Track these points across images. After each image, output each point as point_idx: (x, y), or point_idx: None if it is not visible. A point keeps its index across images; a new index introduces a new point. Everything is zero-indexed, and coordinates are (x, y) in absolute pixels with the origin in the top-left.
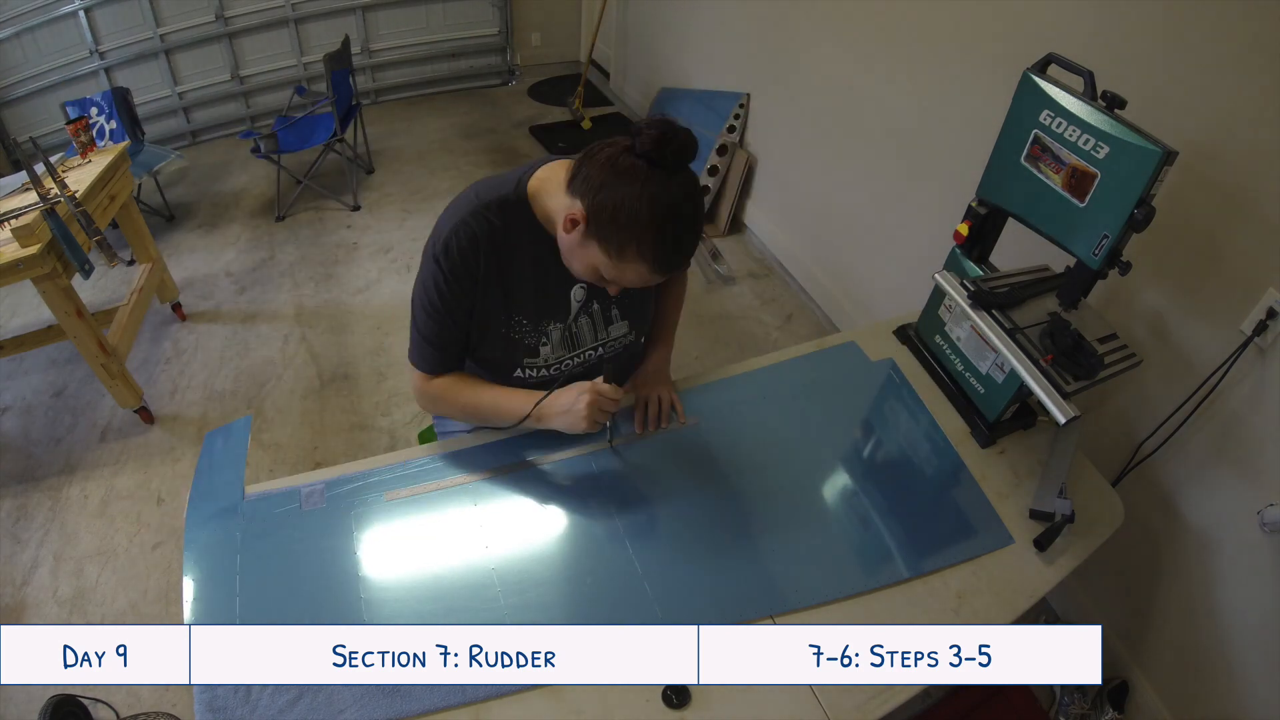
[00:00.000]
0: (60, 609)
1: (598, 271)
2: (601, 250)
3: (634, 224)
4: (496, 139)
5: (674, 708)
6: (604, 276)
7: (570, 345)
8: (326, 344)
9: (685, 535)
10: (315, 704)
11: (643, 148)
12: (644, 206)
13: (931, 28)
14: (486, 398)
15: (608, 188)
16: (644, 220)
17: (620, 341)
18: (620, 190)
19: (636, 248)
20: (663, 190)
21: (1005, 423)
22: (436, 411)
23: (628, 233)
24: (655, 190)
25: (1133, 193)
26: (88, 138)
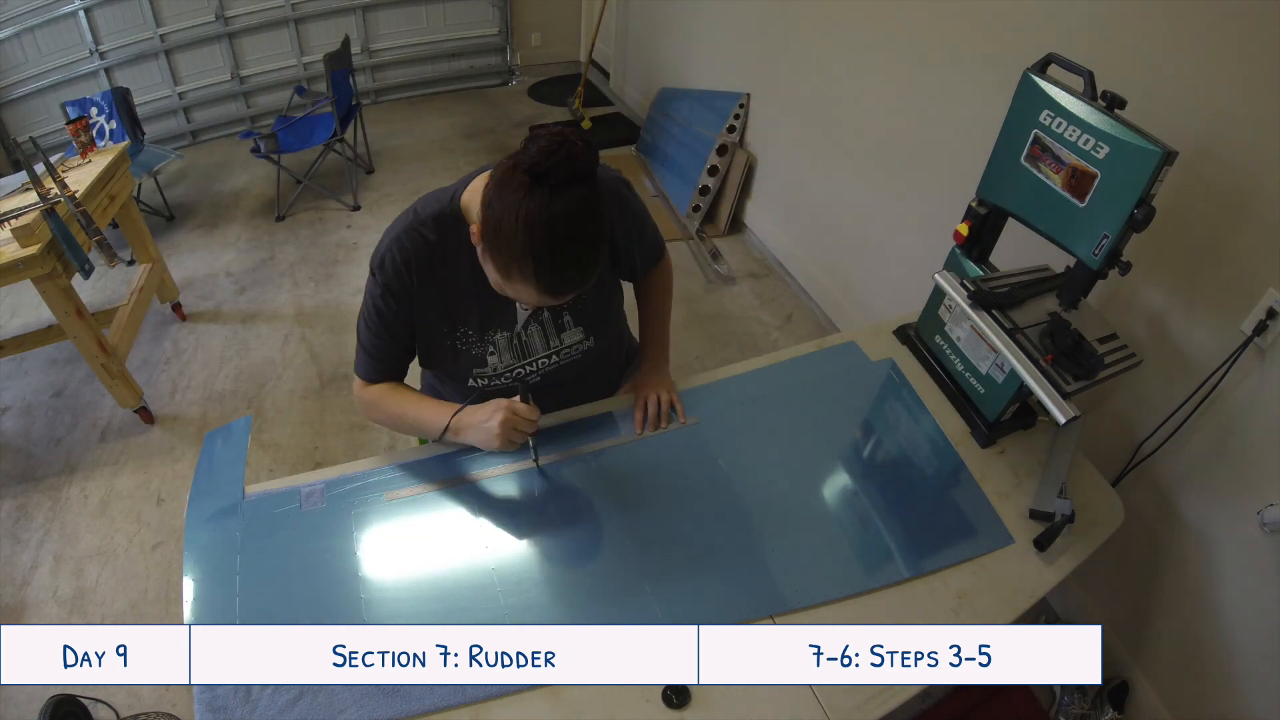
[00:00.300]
0: (60, 609)
1: (503, 289)
2: (494, 268)
3: (512, 244)
4: (496, 139)
5: (674, 708)
6: (509, 295)
7: (520, 354)
8: (326, 344)
9: (685, 535)
10: (315, 704)
11: (527, 161)
12: (520, 227)
13: (932, 27)
14: (411, 409)
15: (493, 203)
16: (521, 241)
17: (577, 348)
18: (501, 207)
19: (519, 269)
20: (542, 209)
21: (1005, 423)
22: (372, 418)
23: (508, 253)
24: (532, 208)
25: (1133, 193)
26: (88, 138)
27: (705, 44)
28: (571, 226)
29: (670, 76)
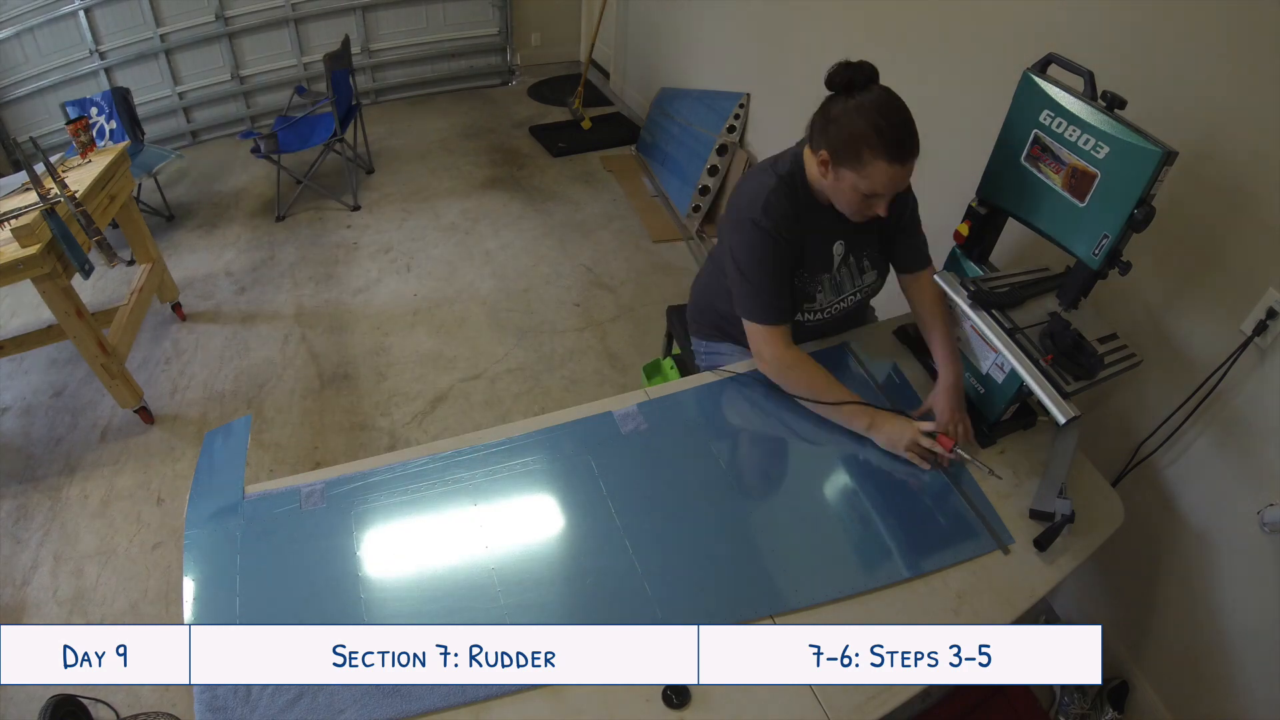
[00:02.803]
0: (60, 609)
1: (858, 193)
2: (850, 170)
3: (856, 133)
4: (496, 139)
5: (674, 708)
6: (863, 194)
7: (836, 291)
8: (326, 344)
9: (685, 535)
10: (315, 704)
11: (834, 83)
12: (856, 117)
13: (931, 27)
14: (835, 388)
15: (828, 123)
16: (861, 126)
17: (872, 287)
18: (835, 117)
19: (869, 148)
20: (864, 100)
21: (1005, 423)
22: (782, 378)
23: (858, 142)
24: (858, 102)
25: (1133, 193)
26: (88, 138)
27: (705, 44)
28: (891, 101)
29: (670, 76)
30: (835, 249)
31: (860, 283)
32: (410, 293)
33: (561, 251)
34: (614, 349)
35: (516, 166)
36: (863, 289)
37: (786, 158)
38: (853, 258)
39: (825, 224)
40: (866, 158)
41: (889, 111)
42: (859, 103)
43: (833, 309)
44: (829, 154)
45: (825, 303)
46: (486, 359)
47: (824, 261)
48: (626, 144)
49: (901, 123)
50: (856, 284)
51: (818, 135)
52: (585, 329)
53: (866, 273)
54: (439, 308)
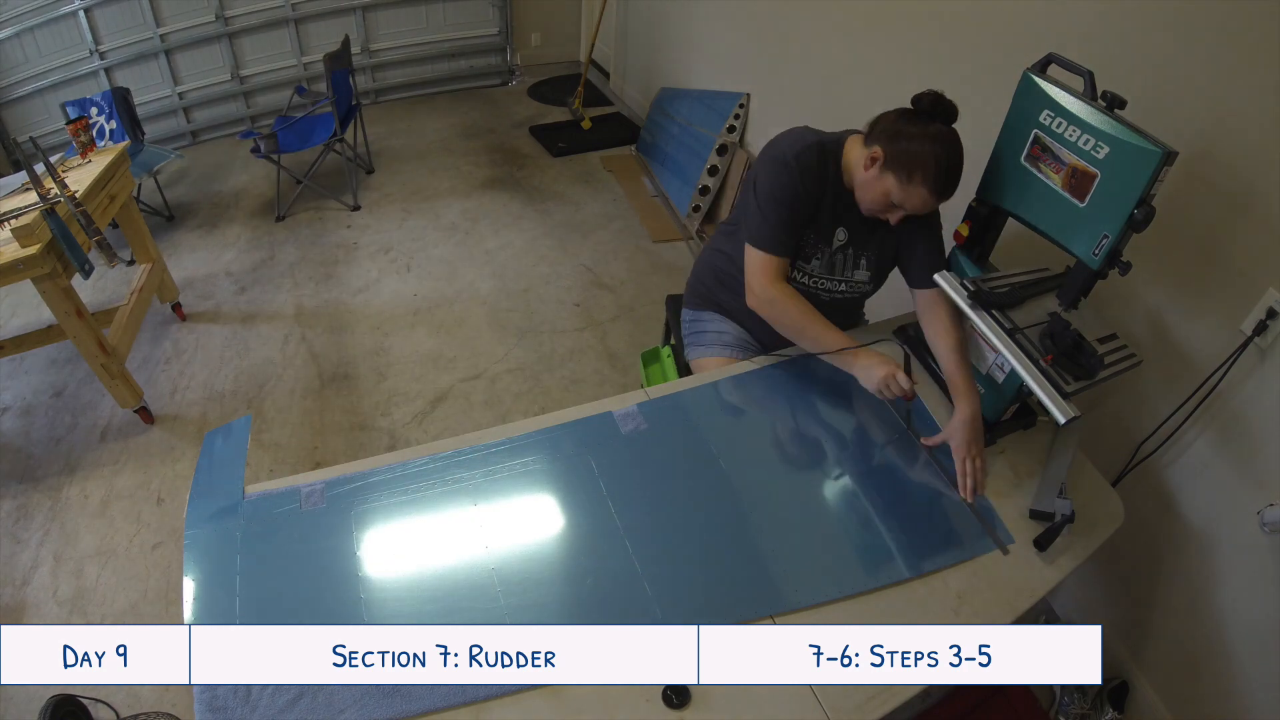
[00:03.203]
0: (60, 609)
1: (888, 198)
2: (894, 178)
3: (919, 156)
4: (496, 139)
5: (674, 708)
6: (892, 202)
7: (829, 270)
8: (326, 344)
9: (685, 535)
10: (315, 704)
11: (923, 106)
12: (928, 144)
13: (931, 27)
14: (818, 323)
15: (900, 133)
16: (926, 152)
17: (859, 288)
18: (910, 133)
19: (922, 175)
20: (941, 134)
21: (1005, 423)
22: (768, 310)
23: (915, 161)
24: (935, 133)
25: (1133, 193)
26: (88, 138)
27: (705, 44)
28: (958, 146)
29: (670, 76)
30: (838, 234)
31: (850, 276)
32: (410, 293)
33: (561, 251)
34: (614, 349)
35: (516, 166)
36: (851, 283)
37: (830, 135)
38: (852, 250)
39: (840, 206)
40: (916, 179)
41: (953, 152)
42: (934, 132)
43: (820, 284)
44: (883, 155)
45: (816, 272)
46: (486, 359)
47: (826, 235)
48: (626, 144)
49: (956, 167)
50: (846, 275)
51: (881, 136)
52: (585, 329)
53: (859, 270)
54: (439, 308)
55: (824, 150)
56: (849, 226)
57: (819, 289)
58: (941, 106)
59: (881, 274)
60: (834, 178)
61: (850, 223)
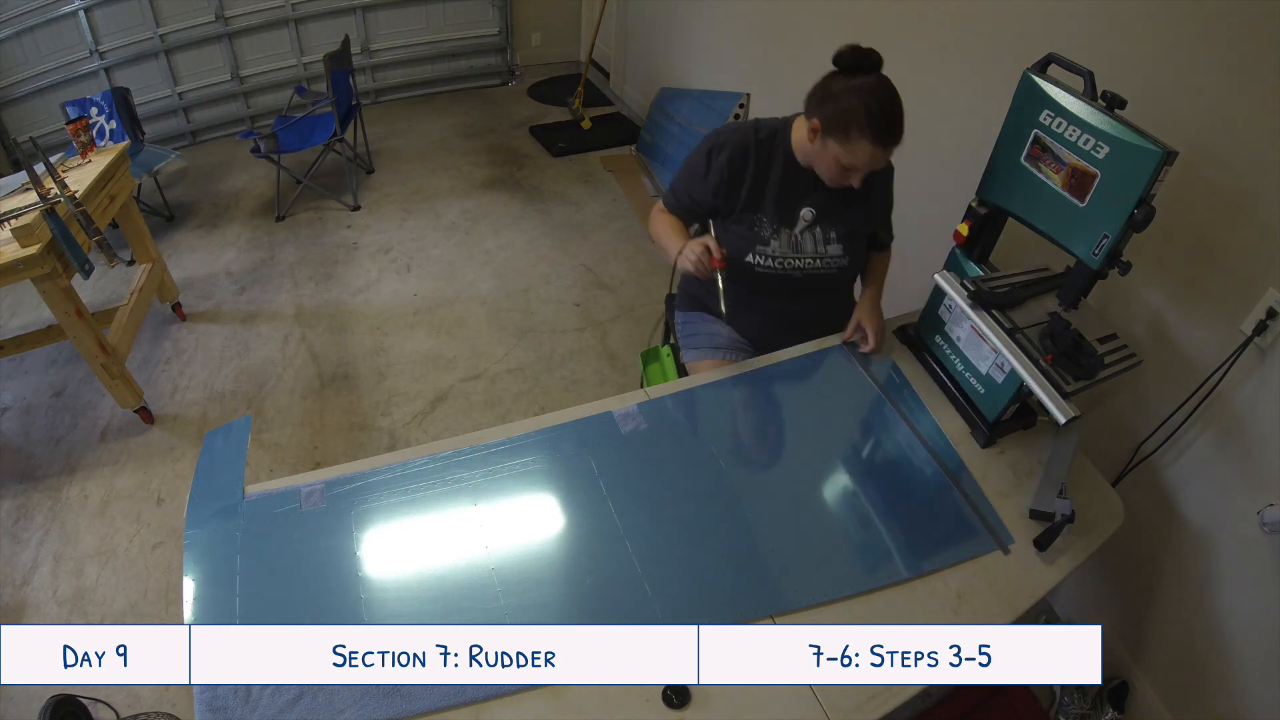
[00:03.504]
0: (60, 609)
1: (839, 164)
2: (835, 142)
3: (849, 110)
4: (496, 139)
5: (674, 708)
6: (843, 165)
7: (795, 249)
8: (326, 344)
9: (685, 535)
10: (315, 704)
11: (845, 63)
12: (853, 97)
13: (931, 27)
14: (668, 233)
15: (827, 97)
16: (855, 105)
17: (835, 262)
18: (836, 92)
19: (857, 127)
20: (866, 84)
21: (1005, 423)
22: (650, 228)
23: (847, 118)
24: (860, 85)
25: (1133, 193)
26: (88, 138)
27: (705, 44)
28: (889, 90)
29: (670, 76)
30: (804, 213)
31: (823, 251)
32: (410, 293)
33: (561, 251)
34: (614, 349)
35: (516, 166)
36: (825, 258)
37: (773, 121)
38: (820, 228)
39: (800, 186)
40: (854, 135)
41: (883, 98)
42: (859, 84)
43: (788, 262)
44: (820, 123)
45: (779, 252)
46: (486, 359)
47: (787, 217)
48: (626, 144)
49: (892, 110)
50: (818, 251)
51: (813, 105)
52: (585, 329)
53: (831, 244)
54: (439, 308)
55: (769, 137)
56: (817, 205)
57: (789, 268)
58: (861, 57)
59: (856, 246)
60: (785, 159)
61: (818, 201)
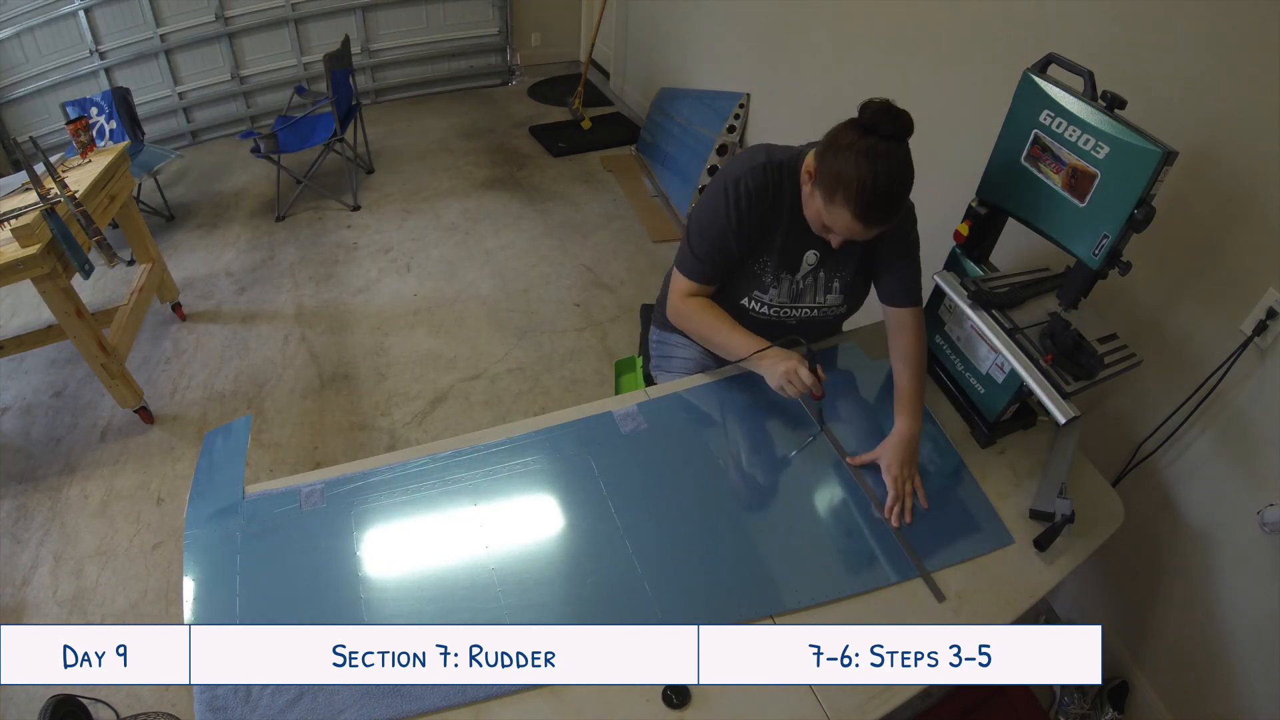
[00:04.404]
0: (60, 609)
1: (820, 218)
2: (820, 195)
3: (843, 174)
4: (496, 139)
5: (674, 708)
6: (824, 224)
7: (794, 297)
8: (326, 344)
9: (685, 535)
10: (315, 704)
11: (864, 117)
12: (852, 159)
13: (931, 27)
14: (726, 328)
15: (833, 146)
16: (850, 168)
17: (832, 310)
18: (841, 146)
19: (843, 193)
20: (875, 150)
21: (1005, 423)
22: (681, 323)
23: (837, 180)
24: (864, 148)
25: (1133, 193)
26: (88, 138)
27: (705, 44)
28: (892, 166)
29: (670, 76)
30: (808, 256)
31: (822, 301)
32: (410, 293)
33: (561, 251)
34: (614, 349)
35: (516, 166)
36: (823, 308)
37: (790, 150)
38: (824, 273)
39: (809, 229)
40: (838, 199)
41: (885, 175)
42: (867, 148)
43: (784, 311)
44: (815, 171)
45: (777, 301)
46: (486, 359)
47: (790, 262)
48: (626, 144)
49: (888, 191)
50: (818, 300)
51: (820, 148)
52: (585, 329)
53: (832, 294)
54: (439, 308)
55: (777, 170)
56: (821, 248)
57: (784, 316)
58: (888, 118)
59: (855, 295)
60: (793, 200)
61: (822, 244)
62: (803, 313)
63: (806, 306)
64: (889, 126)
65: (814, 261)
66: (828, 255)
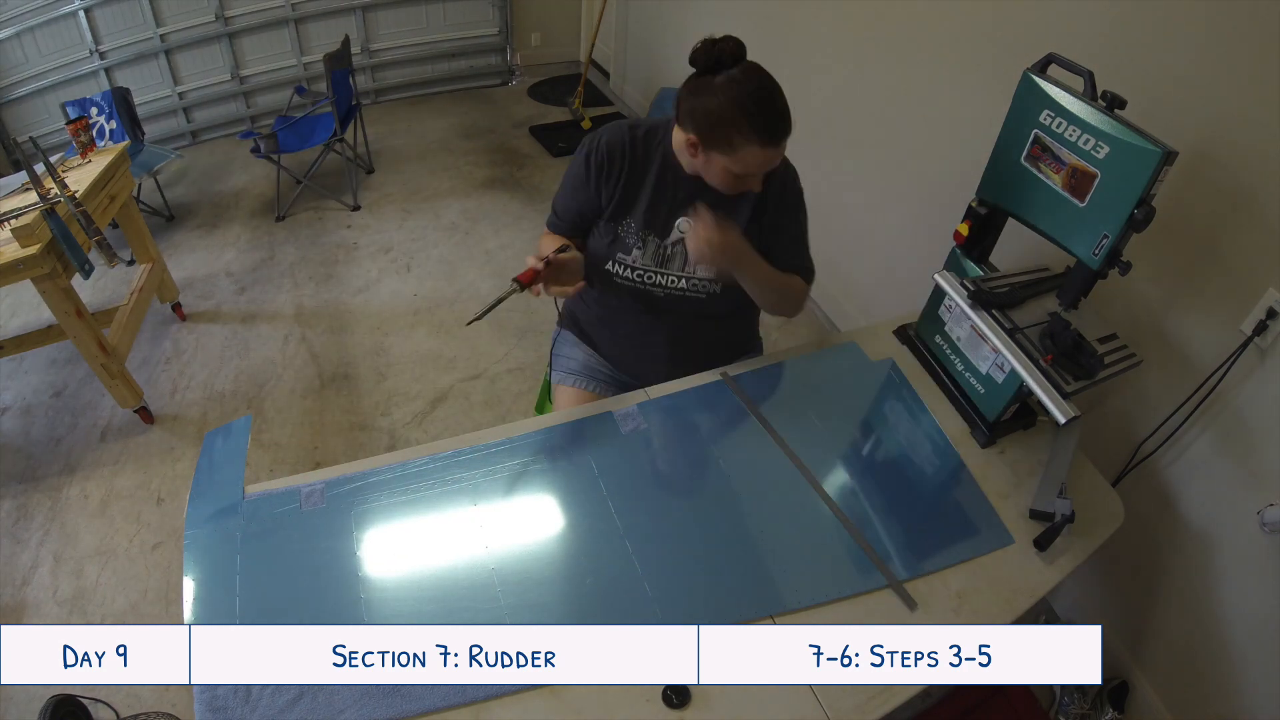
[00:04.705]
0: (60, 609)
1: (731, 174)
2: (720, 154)
3: (726, 114)
4: (496, 139)
5: (674, 708)
6: (737, 175)
7: (660, 262)
8: (326, 344)
9: (685, 535)
10: (315, 704)
11: (700, 62)
12: (725, 98)
13: (931, 27)
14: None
15: (696, 106)
16: (731, 106)
17: (704, 286)
18: (703, 100)
19: (739, 131)
20: (732, 79)
21: (1005, 423)
22: None
23: (727, 125)
24: (725, 82)
25: (1133, 193)
26: (88, 138)
27: None
28: (758, 79)
29: (670, 76)
30: (679, 223)
31: (690, 271)
32: (410, 293)
33: None
34: None
35: (516, 166)
36: (692, 279)
37: (652, 122)
38: None
39: (678, 193)
40: (737, 142)
41: (756, 91)
42: (725, 83)
43: (648, 275)
44: (698, 138)
45: (641, 264)
46: (486, 359)
47: (658, 226)
48: None
49: (770, 103)
50: (686, 271)
51: (685, 117)
52: None
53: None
54: (439, 308)
55: (639, 133)
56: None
57: (649, 284)
58: (720, 49)
59: None
60: (662, 161)
61: None
62: (669, 280)
63: (674, 274)
64: (728, 56)
65: (686, 229)
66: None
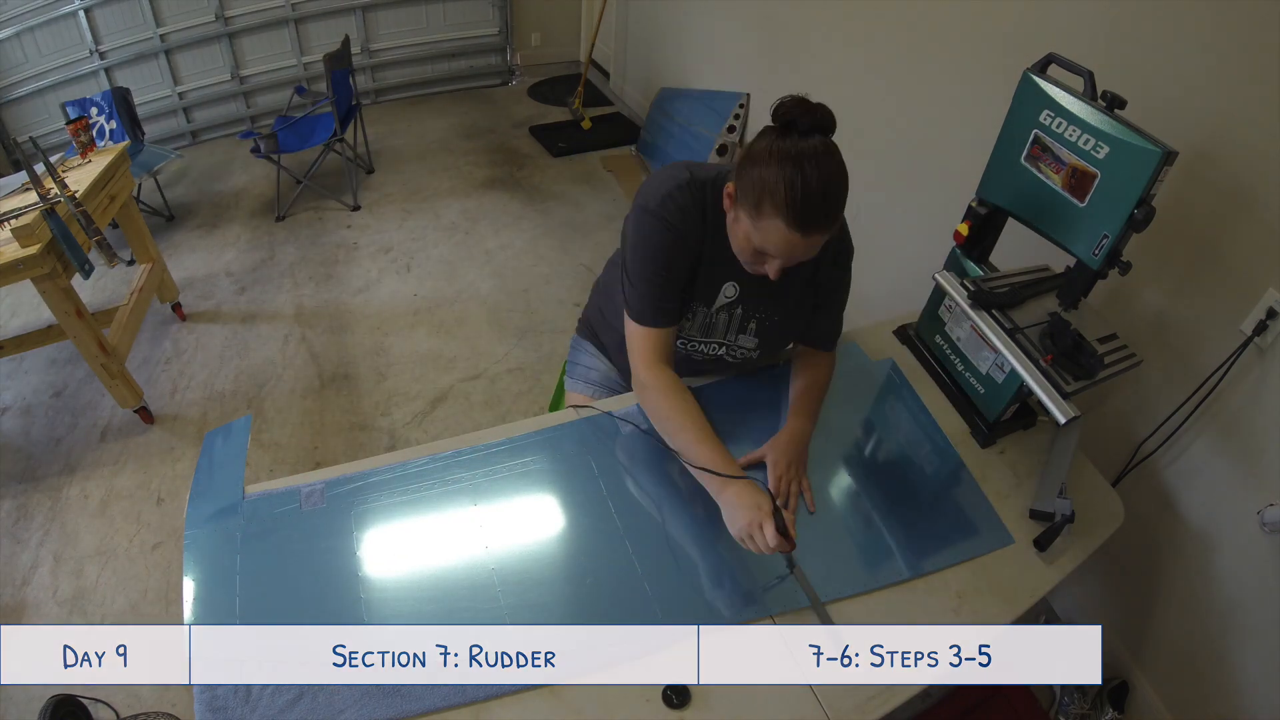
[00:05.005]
0: (60, 609)
1: (750, 242)
2: (745, 214)
3: (766, 180)
4: (496, 139)
5: (674, 708)
6: (755, 246)
7: (705, 331)
8: (326, 344)
9: (685, 535)
10: (315, 704)
11: (781, 118)
12: (774, 163)
13: (932, 27)
14: (692, 428)
15: (749, 158)
16: (772, 172)
17: (744, 353)
18: (758, 153)
19: (771, 200)
20: (790, 147)
21: (1005, 423)
22: (643, 398)
23: (760, 187)
24: (783, 147)
25: (1133, 193)
26: (88, 138)
27: (705, 44)
28: (818, 161)
29: (670, 76)
30: (726, 289)
31: (733, 341)
32: (410, 293)
33: (561, 251)
34: None
35: (516, 166)
36: (733, 349)
37: (712, 168)
38: (740, 311)
39: (730, 257)
40: (766, 209)
41: (814, 172)
42: (788, 148)
43: (692, 345)
44: (735, 186)
45: (686, 333)
46: (486, 359)
47: (708, 292)
48: (626, 144)
49: (821, 190)
50: (727, 340)
51: (737, 165)
52: None
53: (745, 335)
54: (439, 308)
55: (700, 189)
56: (741, 280)
57: (690, 351)
58: (803, 112)
59: (771, 341)
60: (715, 220)
61: (744, 276)
62: (711, 349)
63: (716, 342)
64: (806, 121)
65: (732, 295)
66: (749, 291)
